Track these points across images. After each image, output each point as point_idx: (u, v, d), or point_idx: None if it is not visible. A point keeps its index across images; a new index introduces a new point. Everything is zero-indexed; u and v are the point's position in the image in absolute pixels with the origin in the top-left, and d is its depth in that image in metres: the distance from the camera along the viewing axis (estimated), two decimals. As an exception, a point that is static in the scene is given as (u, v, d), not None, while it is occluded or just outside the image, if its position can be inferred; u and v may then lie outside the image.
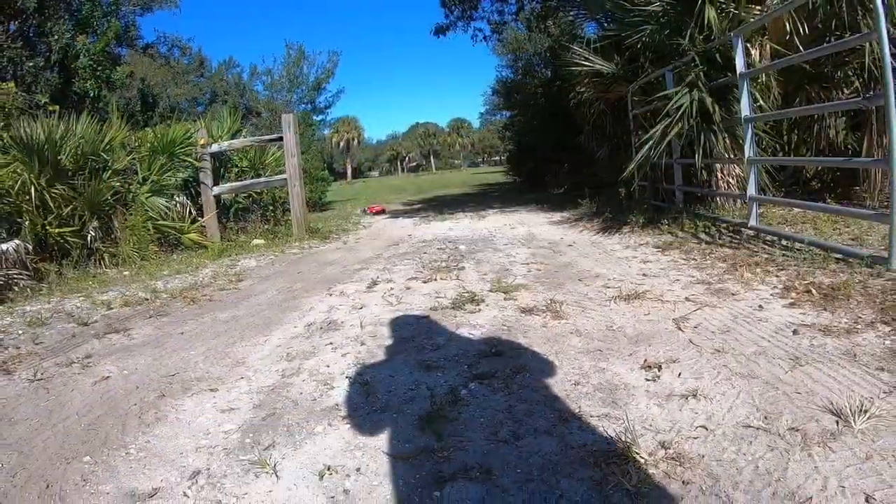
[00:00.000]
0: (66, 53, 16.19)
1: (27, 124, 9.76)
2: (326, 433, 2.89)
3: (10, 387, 4.05)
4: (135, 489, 2.52)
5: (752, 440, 2.46)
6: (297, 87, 37.15)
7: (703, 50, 8.23)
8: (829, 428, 2.47)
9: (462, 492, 2.27)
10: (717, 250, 6.38)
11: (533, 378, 3.39)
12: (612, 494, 2.17)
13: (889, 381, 2.82)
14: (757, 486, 2.16)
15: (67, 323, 5.81)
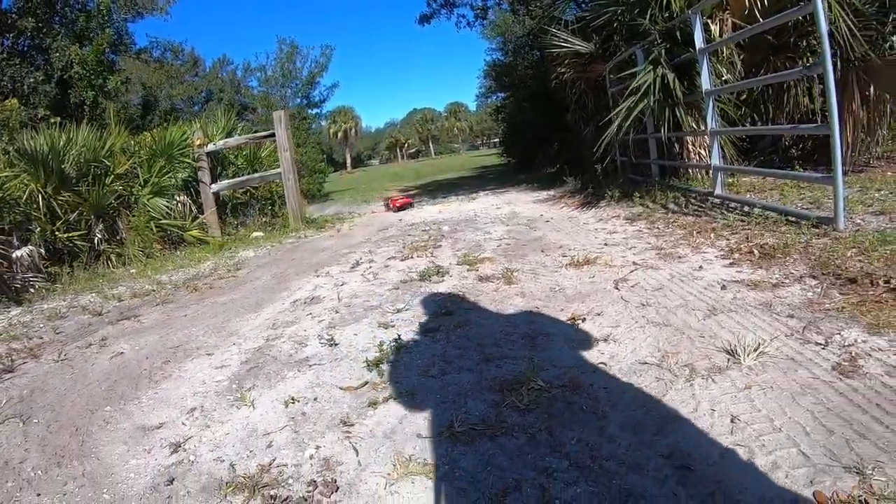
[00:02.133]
0: (65, 68, 16.88)
1: (30, 137, 10.54)
2: (295, 377, 3.68)
3: (39, 367, 4.85)
4: (145, 424, 3.33)
5: (643, 373, 2.95)
6: (291, 82, 37.59)
7: (664, 28, 8.58)
8: (719, 364, 2.89)
9: (390, 410, 3.01)
10: (680, 219, 6.78)
11: (471, 330, 4.08)
12: (505, 411, 2.81)
13: (794, 326, 3.17)
14: (632, 407, 2.64)
15: (83, 315, 6.59)
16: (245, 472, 2.58)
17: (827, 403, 2.41)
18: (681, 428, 2.43)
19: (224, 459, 2.74)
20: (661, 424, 2.49)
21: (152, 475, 2.71)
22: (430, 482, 2.30)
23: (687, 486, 2.07)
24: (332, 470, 2.50)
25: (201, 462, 2.76)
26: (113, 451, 3.05)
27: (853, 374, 2.60)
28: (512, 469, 2.32)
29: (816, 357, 2.82)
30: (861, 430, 2.19)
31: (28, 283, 8.75)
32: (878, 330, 2.93)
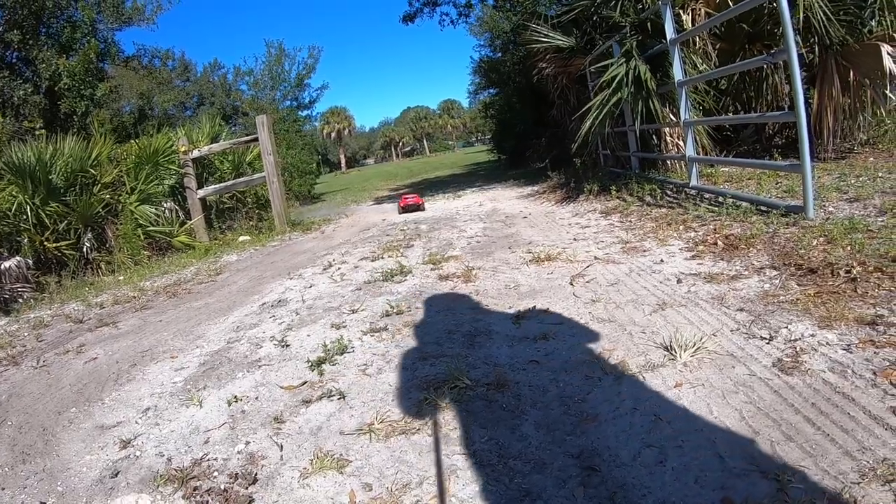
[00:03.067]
0: (52, 78, 17.16)
1: (18, 149, 10.78)
2: (244, 377, 3.97)
3: (18, 374, 5.16)
4: (104, 423, 3.63)
5: (573, 371, 3.04)
6: (280, 85, 37.75)
7: (636, 20, 8.72)
8: (654, 361, 2.93)
9: (321, 408, 3.27)
10: (654, 211, 6.92)
11: (418, 329, 4.33)
12: (427, 409, 2.99)
13: (742, 320, 3.21)
14: (552, 406, 2.73)
15: (65, 323, 6.88)
16: (179, 466, 2.85)
17: (759, 402, 2.42)
18: (598, 427, 2.50)
19: (164, 454, 3.03)
20: (577, 423, 2.56)
21: (101, 469, 3.01)
22: (338, 476, 2.53)
23: (588, 487, 2.13)
24: (255, 464, 2.76)
25: (144, 457, 3.05)
26: (72, 448, 3.35)
27: (793, 371, 2.59)
28: (418, 466, 2.51)
29: (758, 353, 2.84)
30: (790, 431, 2.19)
31: (16, 294, 9.04)
32: (829, 323, 2.92)
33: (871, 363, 2.50)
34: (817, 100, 7.48)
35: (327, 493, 2.45)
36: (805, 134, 4.75)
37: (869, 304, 3.03)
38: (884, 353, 2.55)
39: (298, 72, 39.01)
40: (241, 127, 30.29)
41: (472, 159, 43.16)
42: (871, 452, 1.98)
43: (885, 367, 2.45)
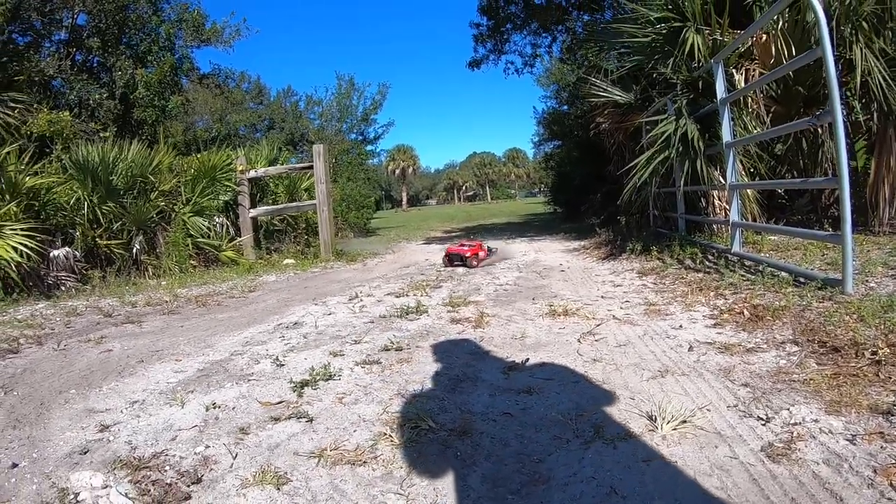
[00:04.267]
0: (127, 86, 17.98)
1: (84, 148, 11.47)
2: (231, 388, 4.18)
3: (39, 353, 5.56)
4: (94, 407, 3.90)
5: (543, 429, 2.93)
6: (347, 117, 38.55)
7: (688, 78, 8.67)
8: (632, 430, 2.78)
9: (286, 427, 3.40)
10: (689, 275, 6.75)
11: (408, 367, 4.42)
12: (382, 443, 3.01)
13: (742, 396, 3.03)
14: (507, 461, 2.65)
15: (96, 315, 7.27)
16: (139, 455, 3.06)
17: (731, 490, 2.20)
18: (545, 491, 2.37)
19: (132, 443, 3.26)
20: (526, 484, 2.45)
21: (74, 445, 3.26)
22: (274, 492, 2.64)
23: None
24: (205, 467, 2.93)
25: (115, 442, 3.28)
26: (58, 424, 3.63)
27: (782, 459, 2.36)
28: (351, 497, 2.54)
29: (749, 434, 2.62)
30: None
31: (60, 282, 9.56)
32: (838, 409, 2.69)
33: (875, 459, 2.25)
34: (874, 169, 7.19)
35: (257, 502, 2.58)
36: (847, 202, 4.52)
37: (889, 392, 2.78)
38: (892, 449, 2.31)
39: (366, 107, 39.88)
40: (306, 154, 30.92)
41: (531, 210, 43.20)
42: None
43: (889, 464, 2.19)
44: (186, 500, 2.63)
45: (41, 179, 10.63)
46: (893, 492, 2.03)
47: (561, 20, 20.16)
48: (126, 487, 2.73)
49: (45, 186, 10.64)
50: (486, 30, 22.08)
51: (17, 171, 10.30)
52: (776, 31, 7.76)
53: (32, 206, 10.32)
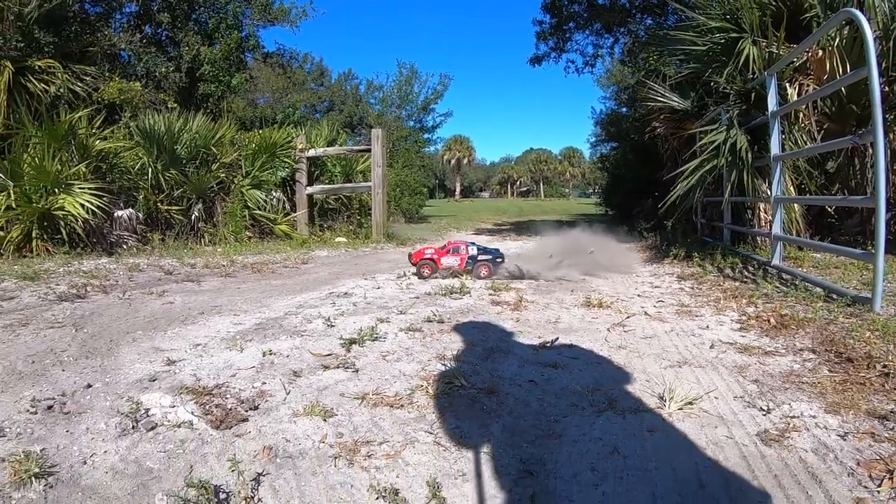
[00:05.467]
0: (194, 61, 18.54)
1: (151, 117, 12.10)
2: (285, 340, 4.57)
3: (105, 300, 6.05)
4: (160, 347, 4.33)
5: (562, 397, 3.22)
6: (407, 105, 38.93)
7: (742, 89, 8.68)
8: (641, 406, 3.03)
9: (334, 374, 3.77)
10: (726, 283, 6.83)
11: (447, 337, 4.74)
12: (417, 393, 3.40)
13: (751, 390, 3.21)
14: (527, 417, 2.97)
15: (157, 272, 7.77)
16: (203, 386, 3.46)
17: (722, 462, 2.43)
18: (556, 444, 2.67)
19: (196, 376, 3.66)
20: (540, 437, 2.76)
21: (143, 374, 3.68)
22: (321, 422, 3.01)
23: (518, 484, 2.38)
24: (262, 398, 3.31)
25: (180, 374, 3.69)
26: (127, 357, 4.08)
27: (774, 444, 2.56)
28: (387, 432, 2.91)
29: (748, 421, 2.82)
30: (736, 494, 2.23)
31: (122, 240, 10.16)
32: (837, 409, 2.84)
33: (860, 454, 2.43)
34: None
35: (306, 430, 2.93)
36: (881, 221, 4.57)
37: (891, 401, 2.91)
38: (878, 448, 2.47)
39: (427, 96, 40.15)
40: (364, 137, 31.35)
41: (583, 210, 42.88)
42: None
43: (873, 459, 2.36)
44: (244, 422, 3.01)
45: (110, 144, 11.32)
46: (871, 482, 2.22)
47: (624, 22, 20.14)
48: (191, 407, 3.12)
49: (114, 151, 11.34)
50: (548, 27, 22.13)
51: (88, 135, 10.97)
52: (832, 48, 7.75)
53: (100, 168, 10.99)
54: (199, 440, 2.82)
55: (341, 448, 2.75)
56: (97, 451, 2.73)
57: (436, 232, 18.42)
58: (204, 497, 2.31)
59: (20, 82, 11.38)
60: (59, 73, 12.01)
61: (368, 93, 39.13)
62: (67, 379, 3.63)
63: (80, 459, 2.65)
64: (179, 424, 2.95)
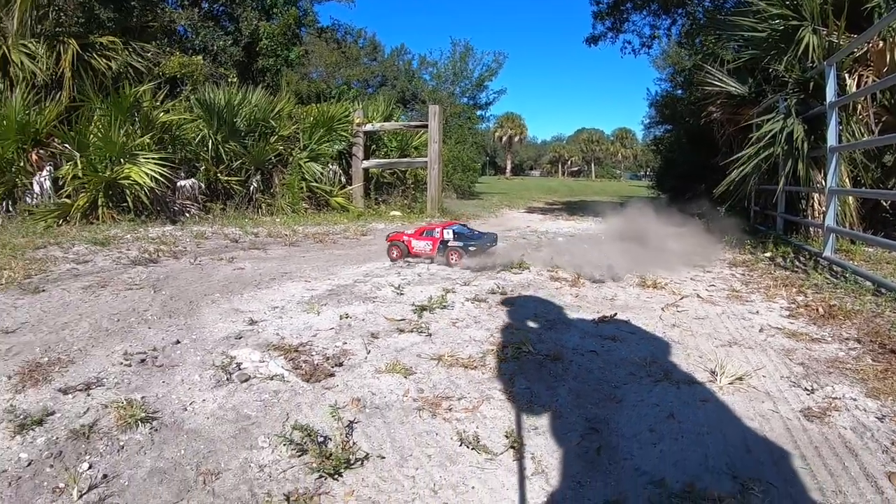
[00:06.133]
0: (252, 36, 18.80)
1: (211, 90, 12.42)
2: (358, 305, 4.76)
3: (177, 265, 6.34)
4: (239, 308, 4.55)
5: (621, 366, 3.41)
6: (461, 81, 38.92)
7: (800, 78, 8.51)
8: (695, 378, 3.21)
9: (409, 338, 3.95)
10: (777, 272, 6.80)
11: (511, 309, 4.88)
12: (489, 356, 3.62)
13: (796, 371, 3.35)
14: (590, 382, 3.17)
15: (223, 240, 8.04)
16: (288, 344, 3.66)
17: (767, 432, 2.61)
18: (617, 407, 2.89)
19: (279, 335, 3.87)
20: (602, 400, 2.97)
21: (228, 333, 3.91)
22: (402, 379, 3.21)
23: (584, 439, 2.58)
24: (345, 356, 3.51)
25: (264, 333, 3.90)
26: (209, 317, 4.31)
27: (816, 420, 2.71)
28: (463, 388, 3.13)
29: (793, 399, 2.97)
30: (779, 459, 2.39)
31: (185, 209, 10.50)
32: (877, 395, 2.96)
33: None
34: None
35: (390, 386, 3.13)
36: None
37: None
38: None
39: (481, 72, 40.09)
40: (416, 113, 31.55)
41: (634, 192, 42.56)
42: (843, 498, 2.15)
43: None
44: (331, 377, 3.20)
45: (173, 116, 11.67)
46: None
47: (682, 3, 19.66)
48: (281, 362, 3.32)
49: (176, 123, 11.67)
50: (605, 7, 21.68)
51: (152, 108, 11.31)
52: (894, 39, 7.62)
53: (163, 139, 11.33)
54: (292, 391, 3.02)
55: (424, 402, 2.96)
56: (195, 399, 2.94)
57: (487, 209, 18.45)
58: (308, 439, 2.51)
59: (83, 58, 11.66)
60: (120, 49, 12.28)
61: (421, 68, 39.38)
62: (155, 335, 3.87)
63: (180, 406, 2.86)
64: (272, 377, 3.16)
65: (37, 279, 5.47)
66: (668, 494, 2.18)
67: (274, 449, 2.52)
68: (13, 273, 5.57)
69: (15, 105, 10.01)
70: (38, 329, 3.99)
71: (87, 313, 4.35)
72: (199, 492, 2.25)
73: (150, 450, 2.50)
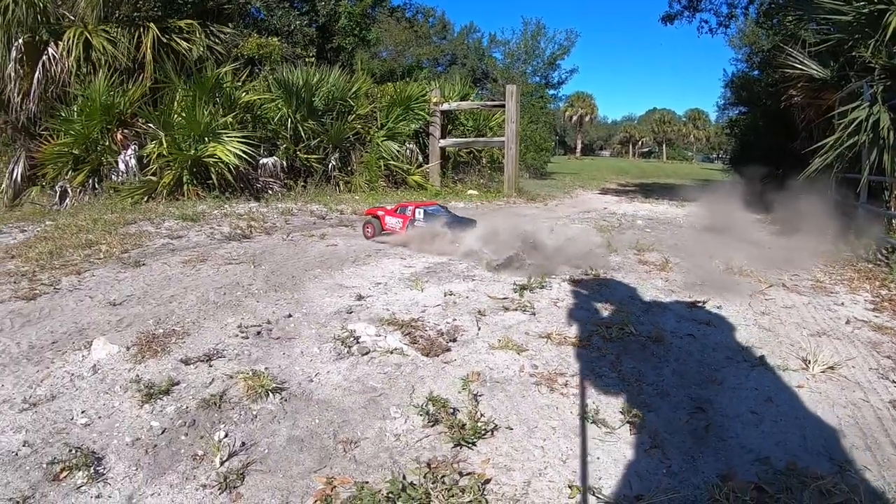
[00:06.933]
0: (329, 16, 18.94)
1: (289, 70, 12.65)
2: (459, 283, 4.83)
3: (270, 240, 6.52)
4: (342, 284, 4.67)
5: (719, 350, 3.58)
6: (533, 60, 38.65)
7: (886, 63, 8.10)
8: (788, 365, 3.34)
9: (515, 315, 4.02)
10: (860, 264, 6.68)
11: (608, 290, 4.90)
12: (594, 337, 3.70)
13: (885, 365, 3.42)
14: (691, 364, 3.34)
15: (309, 217, 8.23)
16: (400, 319, 3.76)
17: (858, 419, 2.77)
18: (719, 388, 3.06)
19: (389, 310, 3.98)
20: (704, 381, 3.14)
21: (338, 308, 4.02)
22: (516, 355, 3.30)
23: (692, 418, 2.76)
24: (457, 331, 3.61)
25: (373, 308, 4.01)
26: (315, 292, 4.43)
27: None
28: (575, 365, 3.24)
29: (882, 390, 3.08)
30: (872, 444, 2.54)
31: (267, 186, 10.74)
32: None
33: None
34: None
35: (505, 361, 3.23)
36: None
37: None
38: None
39: (553, 51, 39.74)
40: (487, 91, 31.47)
41: (707, 175, 41.95)
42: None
43: None
44: (447, 352, 3.31)
45: (255, 96, 11.93)
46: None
47: (761, -19, 19.23)
48: (398, 336, 3.42)
49: (258, 103, 11.91)
50: (683, -15, 21.39)
51: (233, 88, 11.57)
52: None
53: (244, 118, 11.59)
54: (413, 365, 3.13)
55: (540, 377, 3.09)
56: (320, 371, 3.06)
57: (561, 189, 18.36)
58: (442, 409, 2.63)
59: (163, 41, 11.92)
60: (199, 31, 12.50)
61: (491, 47, 39.25)
62: (265, 309, 4.01)
63: (306, 378, 2.98)
64: (391, 351, 3.26)
65: (135, 253, 5.69)
66: (773, 471, 2.36)
67: (407, 419, 2.62)
68: (110, 248, 5.81)
69: (98, 87, 10.35)
70: (145, 301, 4.16)
71: (192, 287, 4.51)
72: (340, 458, 2.36)
73: (283, 419, 2.62)
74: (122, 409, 2.67)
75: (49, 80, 10.61)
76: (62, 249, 5.73)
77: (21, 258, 5.45)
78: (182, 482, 2.22)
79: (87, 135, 10.31)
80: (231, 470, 2.25)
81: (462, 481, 2.22)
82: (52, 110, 10.64)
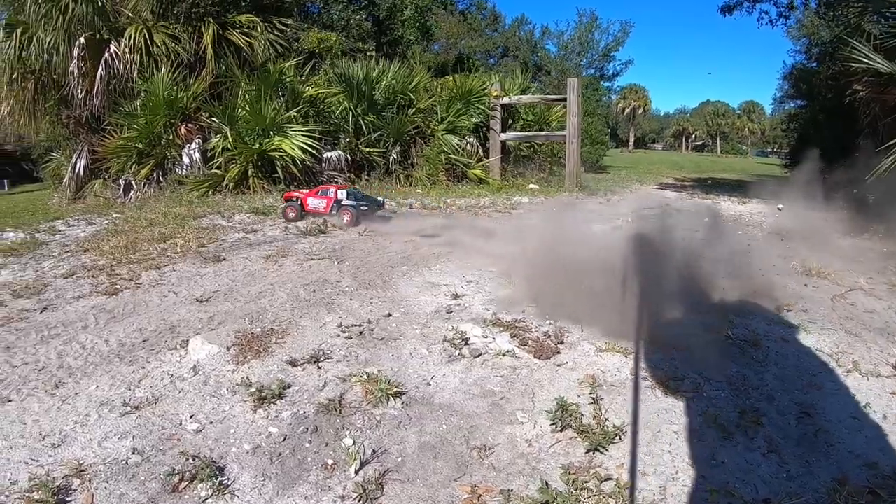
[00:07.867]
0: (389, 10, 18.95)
1: (349, 65, 12.69)
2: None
3: (345, 235, 6.55)
4: (433, 281, 4.66)
5: (812, 356, 3.61)
6: (588, 52, 38.34)
7: None
8: (880, 372, 3.38)
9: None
10: None
11: None
12: (693, 343, 3.63)
13: None
14: (789, 368, 3.39)
15: (379, 211, 8.12)
16: (503, 320, 3.74)
17: None
18: (820, 393, 3.10)
19: (489, 310, 3.96)
20: (805, 386, 3.19)
21: (436, 307, 4.02)
22: (623, 358, 3.29)
23: (801, 423, 2.82)
24: (562, 334, 3.56)
25: (472, 308, 4.00)
26: (408, 290, 4.43)
27: None
28: (681, 370, 3.23)
29: None
30: None
31: (332, 179, 10.74)
32: None
33: None
34: None
35: (615, 364, 3.23)
36: None
37: None
38: None
39: (607, 43, 39.41)
40: (541, 84, 31.22)
41: (763, 170, 41.37)
42: None
43: None
44: (557, 354, 3.29)
45: (319, 91, 12.05)
46: None
47: (824, -29, 18.77)
48: (506, 338, 3.38)
49: (321, 97, 12.01)
50: (743, -26, 20.96)
51: (297, 82, 11.72)
52: None
53: (307, 112, 11.66)
54: (528, 368, 3.13)
55: (652, 381, 3.09)
56: (434, 374, 3.06)
57: (619, 183, 18.14)
58: (567, 414, 2.63)
59: (223, 36, 12.04)
60: (259, 25, 12.60)
61: (544, 39, 39.04)
62: (361, 307, 4.02)
63: (422, 381, 2.99)
64: (503, 353, 3.26)
65: (212, 248, 5.77)
66: (882, 476, 2.42)
67: (535, 424, 2.61)
68: (186, 242, 5.89)
69: (161, 83, 10.56)
70: (232, 298, 4.20)
71: (278, 283, 4.54)
72: (478, 466, 2.35)
73: (409, 425, 2.62)
74: (234, 414, 2.67)
75: (111, 77, 10.87)
76: (136, 243, 5.87)
77: (95, 251, 5.61)
78: (317, 493, 2.21)
79: (151, 129, 10.57)
80: (368, 479, 2.24)
81: (604, 486, 2.23)
82: (115, 105, 10.87)
